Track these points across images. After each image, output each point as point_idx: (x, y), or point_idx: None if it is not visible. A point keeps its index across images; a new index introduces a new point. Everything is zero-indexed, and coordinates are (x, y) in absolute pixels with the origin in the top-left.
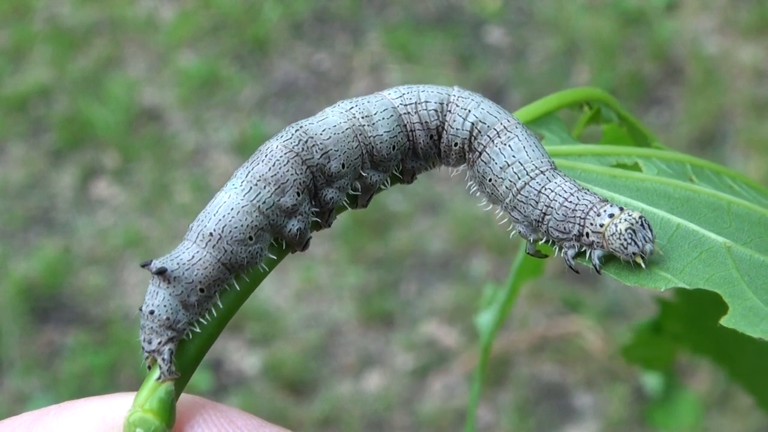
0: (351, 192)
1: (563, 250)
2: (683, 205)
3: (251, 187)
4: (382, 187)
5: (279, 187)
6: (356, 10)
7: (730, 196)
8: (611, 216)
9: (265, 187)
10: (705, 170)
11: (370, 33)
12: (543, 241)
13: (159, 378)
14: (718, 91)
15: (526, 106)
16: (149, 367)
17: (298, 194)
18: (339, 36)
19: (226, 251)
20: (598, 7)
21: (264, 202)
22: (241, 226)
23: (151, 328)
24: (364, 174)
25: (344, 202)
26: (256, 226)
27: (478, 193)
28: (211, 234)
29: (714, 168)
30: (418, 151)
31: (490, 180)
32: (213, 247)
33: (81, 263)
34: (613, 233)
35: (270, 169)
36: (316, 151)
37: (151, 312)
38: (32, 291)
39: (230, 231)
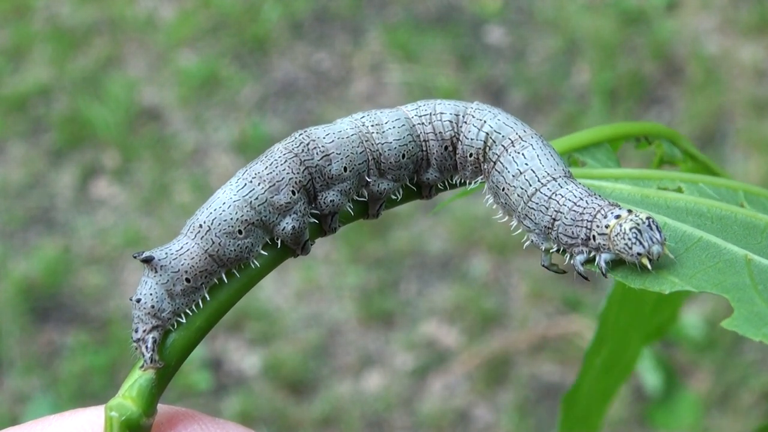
0: (357, 198)
1: (572, 258)
2: (714, 222)
3: (245, 184)
4: (393, 197)
5: (273, 184)
6: (356, 10)
7: None
8: (617, 217)
9: (259, 184)
10: (761, 198)
11: (370, 33)
12: (554, 249)
13: (142, 366)
14: (719, 91)
15: (573, 134)
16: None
17: (293, 193)
18: (339, 36)
19: (213, 243)
20: (598, 6)
21: (256, 198)
22: (231, 219)
23: (139, 316)
24: (369, 180)
25: (349, 208)
26: (246, 220)
27: (495, 206)
28: (200, 225)
29: None
30: (433, 162)
31: (503, 189)
32: (201, 238)
33: (81, 263)
34: (618, 233)
35: (267, 167)
36: (317, 153)
37: (138, 300)
38: (32, 291)
39: (219, 223)
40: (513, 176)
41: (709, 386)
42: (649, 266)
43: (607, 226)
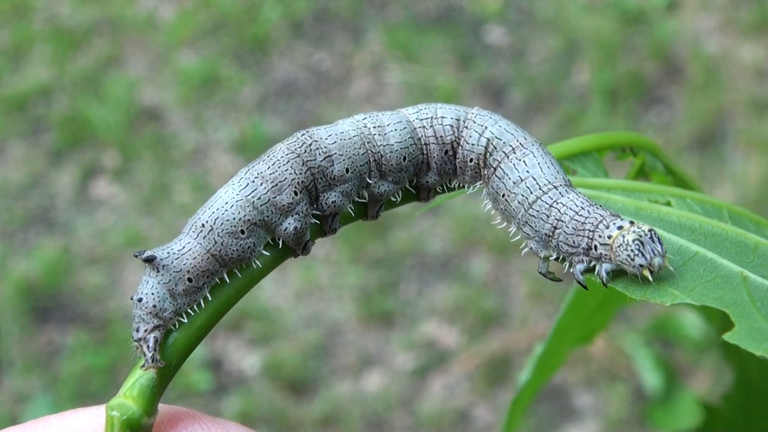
0: (358, 200)
1: (572, 266)
2: (707, 238)
3: (248, 184)
4: (393, 199)
5: (276, 185)
6: (356, 10)
7: (762, 239)
8: (620, 228)
9: (261, 184)
10: (743, 218)
11: (370, 33)
12: (553, 257)
13: (143, 366)
14: (719, 91)
15: (562, 142)
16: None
17: (296, 193)
18: (339, 36)
19: (216, 242)
20: (599, 6)
21: (259, 198)
22: (233, 218)
23: (140, 316)
24: (370, 182)
25: (350, 210)
26: (248, 220)
27: (493, 211)
28: (203, 225)
29: (755, 219)
30: (433, 166)
31: (503, 195)
32: (204, 237)
33: (81, 263)
34: (621, 244)
35: (269, 167)
36: (319, 154)
37: (140, 300)
38: (32, 291)
39: (222, 223)
40: (514, 183)
41: (709, 386)
42: (650, 278)
43: (609, 237)
